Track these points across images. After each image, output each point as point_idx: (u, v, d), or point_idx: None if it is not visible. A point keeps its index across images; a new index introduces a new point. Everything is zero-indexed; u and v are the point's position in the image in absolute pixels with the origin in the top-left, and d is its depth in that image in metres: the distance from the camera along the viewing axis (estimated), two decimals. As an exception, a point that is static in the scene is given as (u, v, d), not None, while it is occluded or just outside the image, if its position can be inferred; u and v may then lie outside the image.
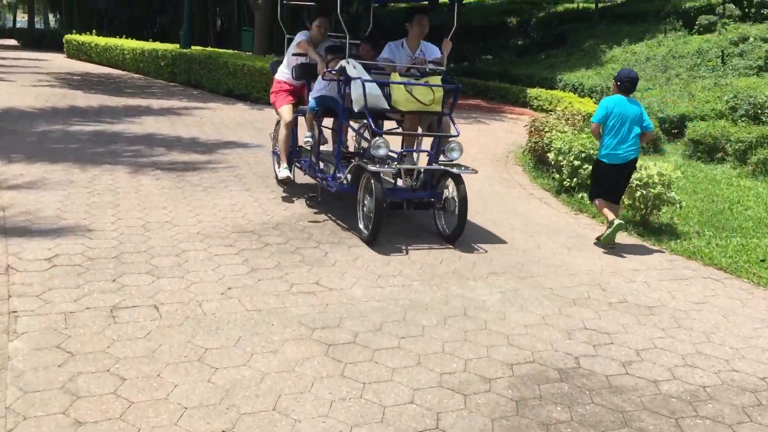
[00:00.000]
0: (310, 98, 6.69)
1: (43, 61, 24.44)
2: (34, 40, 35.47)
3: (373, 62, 6.38)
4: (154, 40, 28.42)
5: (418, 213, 6.66)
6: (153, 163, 8.13)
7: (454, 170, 5.78)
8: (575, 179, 7.70)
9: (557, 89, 19.77)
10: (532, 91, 19.06)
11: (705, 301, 4.92)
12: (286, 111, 6.97)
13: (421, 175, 6.17)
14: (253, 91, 15.02)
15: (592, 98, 17.47)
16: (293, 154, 7.22)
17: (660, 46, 20.30)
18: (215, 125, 11.46)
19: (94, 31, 29.34)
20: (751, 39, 17.88)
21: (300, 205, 6.75)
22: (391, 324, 4.13)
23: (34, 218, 5.61)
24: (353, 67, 5.87)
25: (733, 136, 10.08)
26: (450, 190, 5.93)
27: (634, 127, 6.03)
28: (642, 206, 6.54)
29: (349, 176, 5.99)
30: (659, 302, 4.81)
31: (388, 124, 7.23)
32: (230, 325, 3.95)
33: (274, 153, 7.64)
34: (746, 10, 21.91)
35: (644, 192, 6.34)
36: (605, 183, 6.17)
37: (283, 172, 6.90)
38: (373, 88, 5.87)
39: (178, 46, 20.94)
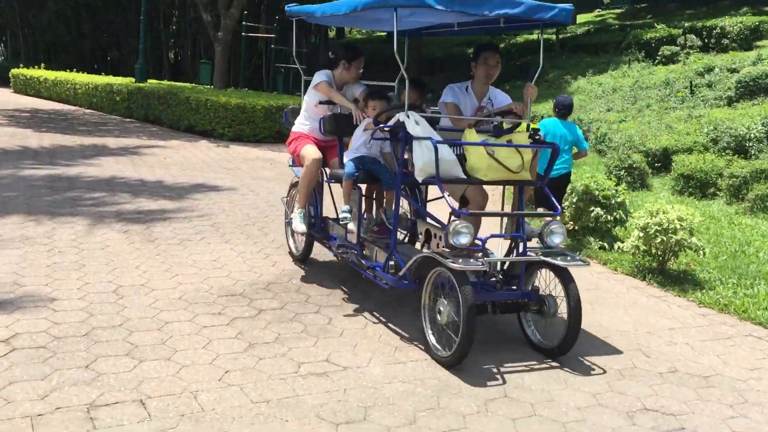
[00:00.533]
0: (345, 160, 5.14)
1: (-13, 96, 23.26)
2: (-22, 74, 33.99)
3: (438, 115, 5.06)
4: (105, 74, 27.45)
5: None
6: (117, 212, 7.36)
7: (559, 262, 4.17)
8: (579, 221, 7.21)
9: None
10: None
11: (759, 366, 4.41)
12: (312, 150, 5.39)
13: (504, 266, 4.63)
14: (217, 127, 14.31)
15: (562, 130, 17.21)
16: (316, 227, 5.73)
17: (625, 77, 20.31)
18: (181, 166, 10.71)
19: (42, 65, 28.22)
20: (717, 69, 17.96)
21: (288, 259, 6.08)
22: (425, 414, 3.49)
23: (-14, 287, 4.82)
24: (415, 123, 4.37)
25: (725, 171, 9.79)
26: (550, 286, 4.43)
27: (566, 146, 6.97)
28: (660, 253, 6.07)
29: (410, 270, 4.37)
30: (712, 370, 4.28)
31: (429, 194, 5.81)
32: (237, 425, 3.26)
33: (287, 223, 6.14)
34: (706, 40, 22.23)
35: (664, 238, 5.87)
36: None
37: (299, 224, 5.39)
38: (446, 152, 4.40)
39: (132, 80, 20.11)
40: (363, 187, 5.25)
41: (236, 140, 14.25)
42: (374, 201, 5.70)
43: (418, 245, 5.33)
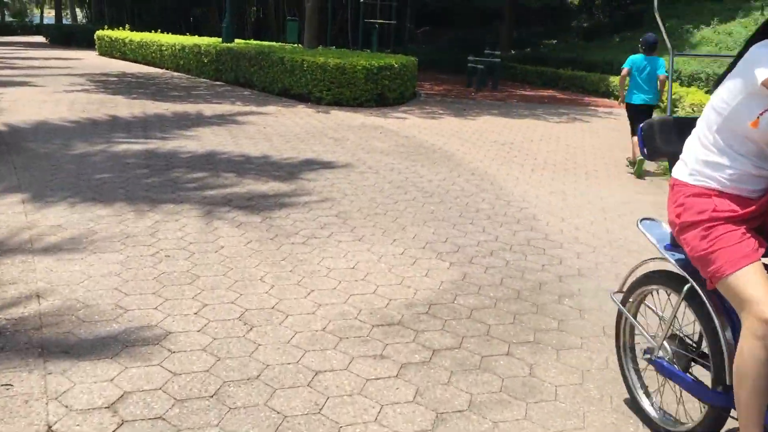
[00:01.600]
0: None
1: (74, 60, 22.86)
2: (63, 37, 33.99)
3: None
4: (189, 34, 26.74)
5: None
6: (227, 198, 6.29)
7: None
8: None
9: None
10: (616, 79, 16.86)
11: None
12: (761, 291, 2.25)
13: None
14: (314, 90, 13.15)
15: (693, 86, 15.29)
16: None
17: (757, 24, 17.96)
18: (283, 136, 9.61)
19: (126, 26, 27.73)
20: None
21: (444, 268, 4.85)
22: None
23: (82, 314, 3.79)
24: None
25: None
26: None
27: (645, 78, 8.56)
28: None
29: None
30: None
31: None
32: None
33: (625, 321, 3.18)
34: None
35: None
36: (631, 121, 8.80)
37: None
38: None
39: (219, 40, 19.16)
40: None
41: (335, 104, 13.07)
42: None
43: None
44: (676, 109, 12.70)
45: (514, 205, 6.54)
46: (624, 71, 8.67)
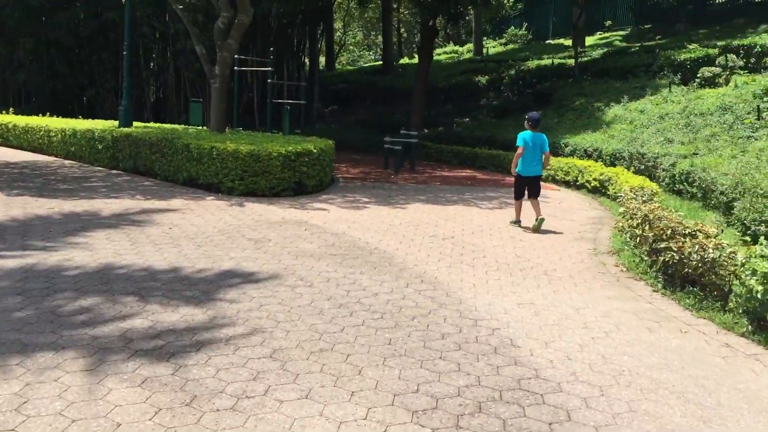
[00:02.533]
0: None
1: (-51, 147, 20.62)
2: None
3: None
4: (82, 117, 24.95)
5: None
6: (125, 337, 4.89)
7: None
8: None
9: (563, 155, 17.39)
10: (552, 161, 16.43)
11: None
12: None
13: None
14: (225, 180, 11.89)
15: (616, 166, 15.05)
16: None
17: (668, 103, 18.25)
18: (194, 239, 8.26)
19: (11, 109, 25.65)
20: (778, 91, 15.97)
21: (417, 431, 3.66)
22: None
23: None
24: None
25: None
26: None
27: (538, 151, 9.79)
28: None
29: None
30: None
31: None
32: None
33: None
34: (746, 60, 20.32)
35: None
36: (523, 189, 10.01)
37: None
38: None
39: (116, 123, 17.67)
40: None
41: (249, 195, 11.83)
42: None
43: None
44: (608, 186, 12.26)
45: (484, 326, 5.46)
46: (519, 149, 9.78)
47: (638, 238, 7.98)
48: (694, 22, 29.99)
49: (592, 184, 14.12)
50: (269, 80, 21.54)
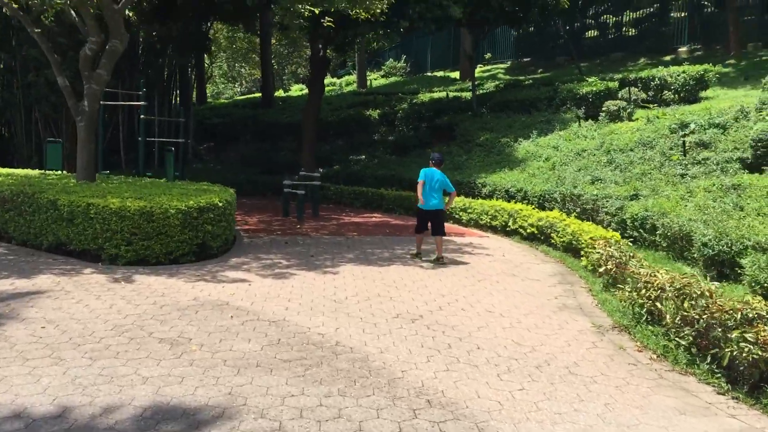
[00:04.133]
0: None
1: None
2: None
3: None
4: None
5: None
6: None
7: None
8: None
9: (481, 197, 16.11)
10: (475, 204, 15.01)
11: None
12: None
13: None
14: (108, 245, 9.38)
15: (546, 208, 13.89)
16: None
17: (580, 138, 17.52)
18: (82, 346, 5.86)
19: None
20: (692, 125, 15.55)
21: None
22: None
23: None
24: None
25: None
26: None
27: (437, 187, 10.43)
28: None
29: None
30: None
31: None
32: None
33: None
34: (646, 93, 20.17)
35: None
36: (422, 223, 10.71)
37: None
38: None
39: (-47, 171, 14.43)
40: None
41: (139, 263, 9.41)
42: None
43: None
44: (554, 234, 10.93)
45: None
46: (420, 183, 10.43)
47: (657, 313, 6.52)
48: (572, 56, 30.30)
49: (528, 231, 12.79)
50: (142, 116, 18.80)
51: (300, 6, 15.03)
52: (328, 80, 39.72)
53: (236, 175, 21.95)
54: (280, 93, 40.19)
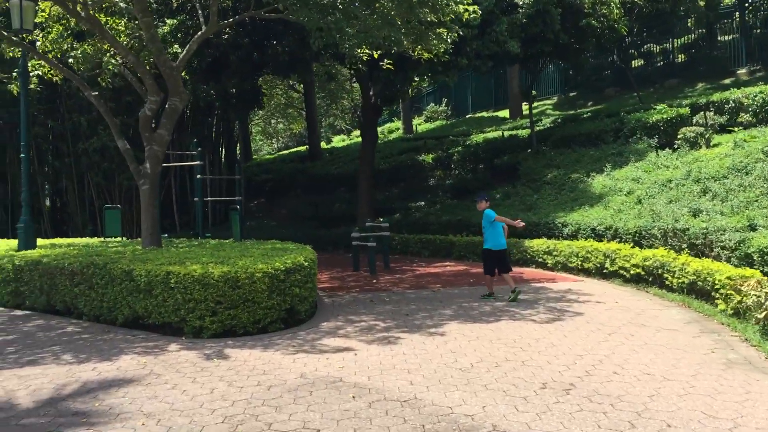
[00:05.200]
0: None
1: None
2: None
3: None
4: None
5: None
6: None
7: None
8: None
9: (563, 237, 15.01)
10: (560, 246, 13.92)
11: None
12: None
13: None
14: (191, 317, 8.52)
15: (642, 247, 12.76)
16: None
17: (661, 168, 16.41)
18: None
19: None
20: (789, 147, 14.38)
21: None
22: None
23: None
24: None
25: None
26: None
27: (499, 226, 10.56)
28: None
29: None
30: None
31: None
32: None
33: None
34: (723, 117, 19.03)
35: None
36: (494, 263, 10.64)
37: None
38: None
39: (13, 245, 13.88)
40: None
41: (226, 335, 8.52)
42: None
43: None
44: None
45: None
46: (498, 217, 10.57)
47: None
48: (621, 86, 29.32)
49: (631, 272, 11.65)
50: (198, 176, 18.24)
51: (359, 51, 14.35)
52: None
53: (294, 231, 21.19)
54: (324, 145, 39.81)
